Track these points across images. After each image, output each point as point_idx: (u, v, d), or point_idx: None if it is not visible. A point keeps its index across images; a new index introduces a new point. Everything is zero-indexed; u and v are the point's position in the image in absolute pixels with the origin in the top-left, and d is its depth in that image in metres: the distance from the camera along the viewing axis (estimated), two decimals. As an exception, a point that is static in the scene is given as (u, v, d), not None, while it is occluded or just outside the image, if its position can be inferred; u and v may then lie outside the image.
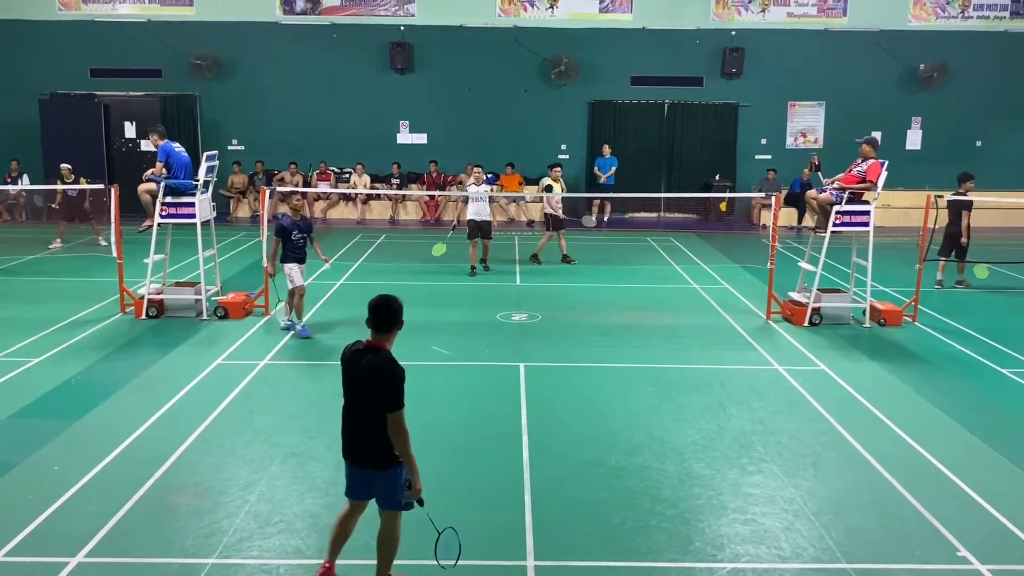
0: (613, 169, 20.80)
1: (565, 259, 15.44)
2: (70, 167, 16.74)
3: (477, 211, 14.36)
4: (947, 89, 21.62)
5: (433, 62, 21.65)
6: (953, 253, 13.74)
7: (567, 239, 15.71)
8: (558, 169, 15.63)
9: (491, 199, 15.16)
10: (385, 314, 4.73)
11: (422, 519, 4.84)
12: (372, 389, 4.57)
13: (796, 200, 19.69)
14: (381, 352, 4.68)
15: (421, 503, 4.79)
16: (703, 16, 21.55)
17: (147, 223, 11.46)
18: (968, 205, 13.43)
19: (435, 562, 4.70)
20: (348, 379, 4.74)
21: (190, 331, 10.60)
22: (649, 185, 21.54)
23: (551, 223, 15.51)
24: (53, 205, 17.72)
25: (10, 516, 5.73)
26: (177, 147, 11.35)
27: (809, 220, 13.82)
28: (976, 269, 12.91)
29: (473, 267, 14.36)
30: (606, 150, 20.89)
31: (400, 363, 4.65)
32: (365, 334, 4.86)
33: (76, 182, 16.48)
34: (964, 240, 13.52)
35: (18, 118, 21.08)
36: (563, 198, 15.83)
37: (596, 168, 21.05)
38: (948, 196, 13.07)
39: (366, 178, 21.37)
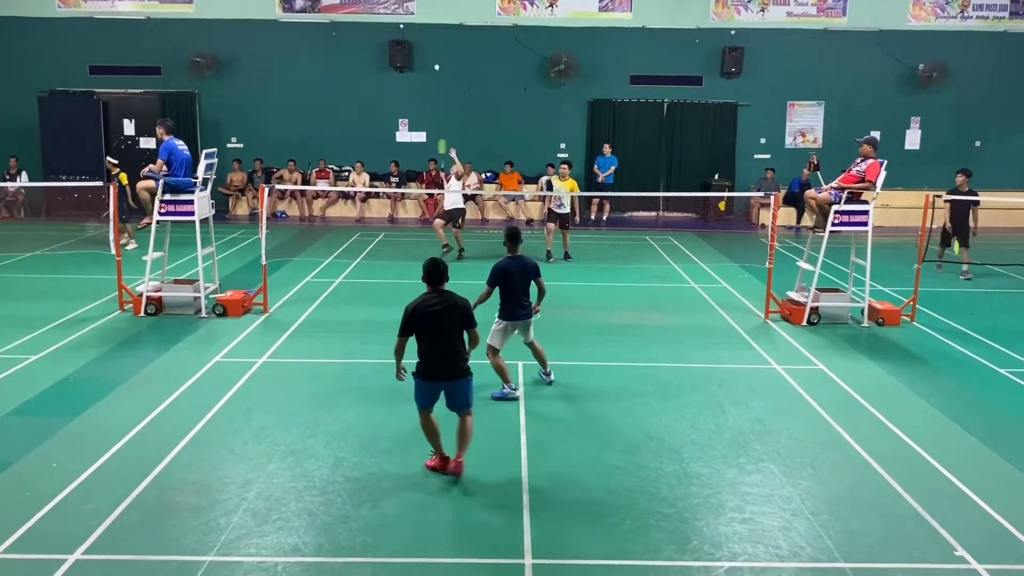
0: (612, 168, 20.80)
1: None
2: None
3: (452, 202, 15.83)
4: (946, 89, 21.62)
5: (432, 60, 21.64)
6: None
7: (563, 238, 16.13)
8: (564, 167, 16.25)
9: (470, 197, 16.63)
10: (439, 271, 6.35)
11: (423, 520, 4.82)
12: (455, 318, 6.25)
13: (795, 200, 19.71)
14: (446, 292, 6.34)
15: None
16: (702, 15, 21.54)
17: (145, 221, 11.46)
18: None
19: (438, 559, 4.69)
20: (428, 321, 6.21)
21: (188, 329, 10.59)
22: (648, 184, 21.54)
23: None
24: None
25: (8, 513, 5.73)
26: (180, 145, 11.33)
27: (808, 220, 13.84)
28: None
29: (445, 246, 15.84)
30: (607, 149, 20.88)
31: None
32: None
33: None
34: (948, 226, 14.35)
35: (17, 115, 21.06)
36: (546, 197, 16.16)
37: (596, 167, 21.06)
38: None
39: (365, 176, 21.36)
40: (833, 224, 11.15)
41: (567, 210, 15.71)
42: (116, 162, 15.75)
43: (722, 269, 15.10)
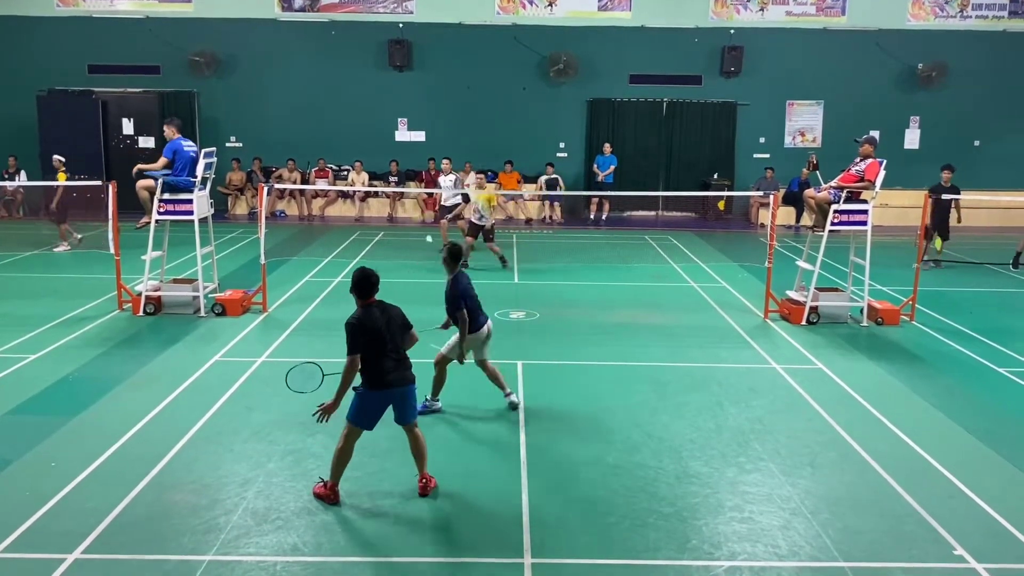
0: (612, 168, 20.81)
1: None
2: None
3: (447, 198, 16.16)
4: (946, 89, 21.63)
5: (432, 60, 21.64)
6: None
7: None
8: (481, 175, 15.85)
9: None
10: (371, 282, 6.06)
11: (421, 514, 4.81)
12: (400, 323, 6.10)
13: (794, 199, 19.71)
14: (383, 303, 6.11)
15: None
16: (702, 15, 21.55)
17: (144, 220, 11.45)
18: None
19: (438, 559, 4.69)
20: (382, 329, 5.94)
21: (188, 328, 10.59)
22: (647, 184, 21.54)
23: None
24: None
25: (7, 512, 5.72)
26: (187, 145, 11.30)
27: (807, 219, 13.86)
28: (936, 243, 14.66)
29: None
30: (607, 148, 20.91)
31: None
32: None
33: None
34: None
35: (16, 114, 21.05)
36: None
37: (595, 166, 21.07)
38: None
39: (364, 175, 21.36)
40: (832, 223, 11.15)
41: (490, 222, 14.49)
42: (63, 159, 15.99)
43: (721, 268, 15.10)
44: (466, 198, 14.41)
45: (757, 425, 7.57)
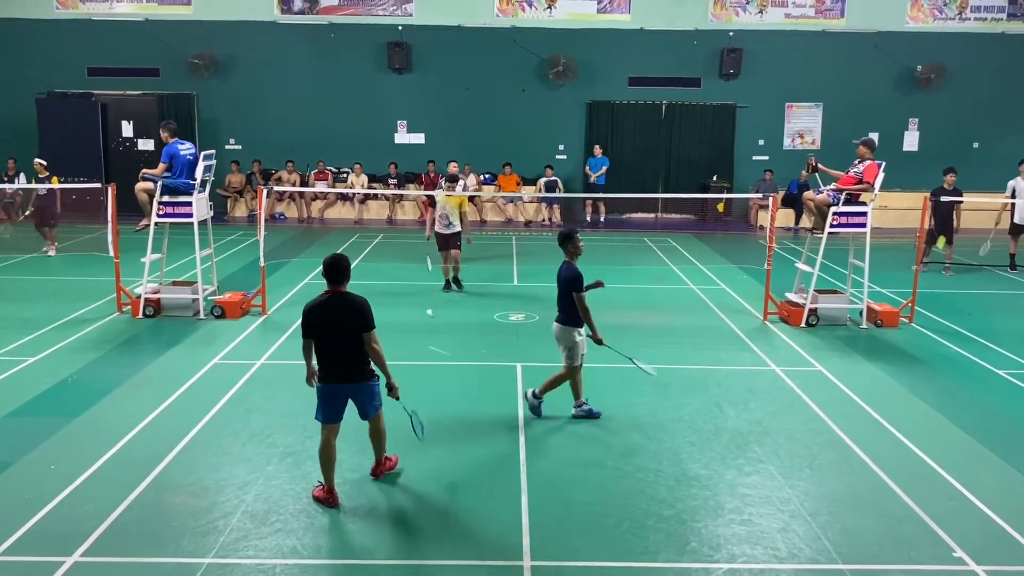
0: (604, 169, 20.84)
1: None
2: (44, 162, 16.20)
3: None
4: (944, 91, 21.64)
5: (431, 62, 21.65)
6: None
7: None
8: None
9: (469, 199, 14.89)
10: (339, 268, 6.06)
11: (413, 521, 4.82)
12: (353, 320, 5.90)
13: (793, 201, 19.75)
14: (346, 295, 6.02)
15: (396, 398, 6.22)
16: (701, 17, 21.57)
17: (144, 222, 11.45)
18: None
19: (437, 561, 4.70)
20: (324, 324, 5.93)
21: (187, 330, 10.59)
22: (646, 186, 21.56)
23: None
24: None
25: (6, 515, 5.72)
26: (183, 149, 11.26)
27: (806, 221, 13.88)
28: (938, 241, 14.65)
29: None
30: (597, 150, 20.98)
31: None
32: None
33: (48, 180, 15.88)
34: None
35: (15, 116, 21.04)
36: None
37: (587, 168, 21.11)
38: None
39: (363, 178, 21.36)
40: (831, 225, 11.16)
41: (456, 228, 13.11)
42: (44, 163, 16.00)
43: (720, 271, 15.10)
44: (432, 202, 13.31)
45: (756, 427, 7.57)
